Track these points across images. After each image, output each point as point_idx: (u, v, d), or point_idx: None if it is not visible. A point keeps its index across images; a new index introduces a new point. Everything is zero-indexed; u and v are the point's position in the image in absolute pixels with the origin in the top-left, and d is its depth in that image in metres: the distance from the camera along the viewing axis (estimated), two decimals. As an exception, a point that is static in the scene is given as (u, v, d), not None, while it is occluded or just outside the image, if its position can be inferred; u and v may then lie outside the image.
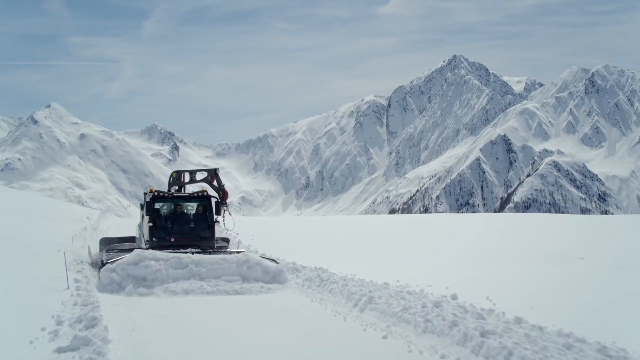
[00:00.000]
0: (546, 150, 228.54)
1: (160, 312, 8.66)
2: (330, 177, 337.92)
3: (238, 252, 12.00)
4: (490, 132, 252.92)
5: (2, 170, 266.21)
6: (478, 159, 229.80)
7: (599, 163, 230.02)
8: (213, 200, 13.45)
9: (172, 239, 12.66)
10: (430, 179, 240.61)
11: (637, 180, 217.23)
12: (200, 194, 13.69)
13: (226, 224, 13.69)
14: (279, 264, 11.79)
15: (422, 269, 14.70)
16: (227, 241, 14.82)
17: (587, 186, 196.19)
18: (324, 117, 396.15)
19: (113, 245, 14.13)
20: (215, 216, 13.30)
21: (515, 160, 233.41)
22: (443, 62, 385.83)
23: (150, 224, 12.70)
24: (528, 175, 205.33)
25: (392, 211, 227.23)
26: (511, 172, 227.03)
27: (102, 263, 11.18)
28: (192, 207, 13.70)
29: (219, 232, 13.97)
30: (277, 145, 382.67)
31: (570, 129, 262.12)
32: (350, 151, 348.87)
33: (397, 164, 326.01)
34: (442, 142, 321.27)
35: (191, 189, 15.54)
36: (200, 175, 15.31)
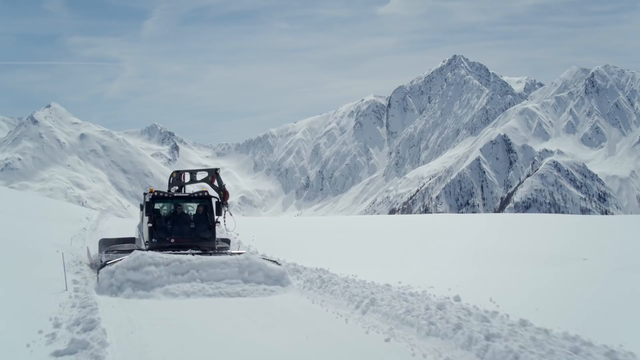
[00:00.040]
0: (546, 150, 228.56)
1: (160, 314, 8.55)
2: (330, 177, 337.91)
3: (239, 254, 11.86)
4: (490, 132, 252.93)
5: (2, 170, 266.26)
6: (478, 159, 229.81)
7: (599, 163, 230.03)
8: (214, 201, 13.28)
9: (172, 240, 12.52)
10: (430, 179, 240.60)
11: (637, 180, 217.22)
12: (200, 194, 13.52)
13: (227, 225, 13.56)
14: (282, 266, 11.65)
15: (423, 270, 14.63)
16: (227, 242, 14.64)
17: (587, 186, 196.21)
18: (324, 117, 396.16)
19: (112, 246, 13.96)
20: (215, 217, 13.16)
21: (515, 160, 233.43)
22: (443, 62, 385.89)
23: (150, 225, 12.55)
24: (528, 175, 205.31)
25: (392, 211, 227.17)
26: (511, 172, 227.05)
27: (101, 264, 11.05)
28: (193, 207, 13.55)
29: (219, 232, 13.82)
30: (277, 145, 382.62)
31: (570, 129, 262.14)
32: (350, 151, 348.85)
33: (397, 164, 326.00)
34: (442, 142, 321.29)
35: (191, 189, 15.42)
36: (200, 175, 15.17)
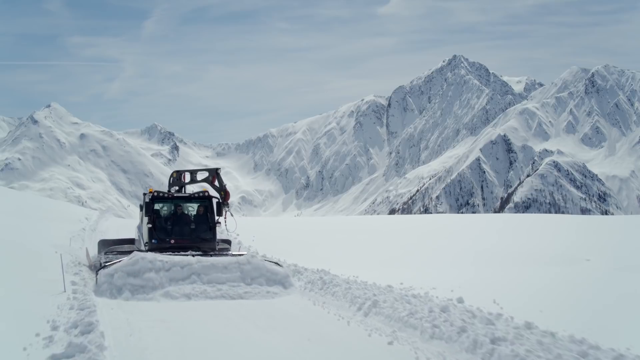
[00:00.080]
0: (546, 150, 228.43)
1: (159, 316, 8.43)
2: (330, 177, 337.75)
3: (240, 255, 11.70)
4: (490, 132, 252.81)
5: (2, 170, 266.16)
6: (478, 159, 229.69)
7: (599, 163, 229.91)
8: (214, 201, 13.11)
9: (172, 241, 12.36)
10: (430, 179, 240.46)
11: (637, 180, 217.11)
12: (201, 194, 13.35)
13: (227, 225, 13.41)
14: (285, 268, 11.48)
15: (424, 270, 14.55)
16: (228, 243, 14.43)
17: (587, 186, 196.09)
18: (324, 117, 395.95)
19: (112, 247, 13.78)
20: (216, 217, 12.99)
21: (515, 160, 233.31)
22: (443, 62, 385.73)
23: (150, 225, 12.39)
24: (528, 175, 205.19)
25: (392, 211, 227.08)
26: (511, 172, 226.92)
27: (100, 266, 10.92)
28: (193, 207, 13.41)
29: (219, 233, 13.67)
30: (277, 145, 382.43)
31: (570, 129, 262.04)
32: (350, 151, 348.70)
33: (397, 164, 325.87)
34: (442, 142, 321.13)
35: (192, 189, 15.29)
36: (201, 175, 15.01)
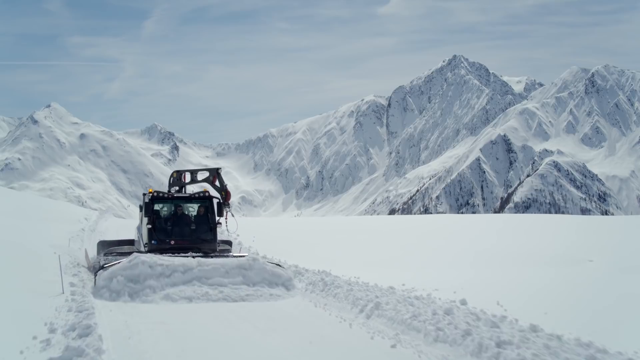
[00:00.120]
0: (546, 150, 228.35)
1: (159, 319, 8.31)
2: (330, 177, 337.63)
3: (241, 256, 11.56)
4: (490, 132, 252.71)
5: (2, 170, 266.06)
6: (478, 159, 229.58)
7: (599, 163, 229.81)
8: (215, 201, 12.93)
9: (172, 242, 12.20)
10: (430, 179, 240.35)
11: (637, 180, 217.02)
12: (201, 194, 13.18)
13: (228, 226, 13.25)
14: (288, 270, 11.33)
15: (425, 271, 14.46)
16: (229, 244, 14.23)
17: (587, 186, 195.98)
18: (324, 117, 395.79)
19: (111, 248, 13.61)
20: (217, 218, 12.82)
21: (515, 160, 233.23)
22: (443, 62, 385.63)
23: (149, 226, 12.25)
24: (528, 175, 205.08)
25: (392, 211, 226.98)
26: (511, 172, 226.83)
27: (99, 267, 10.80)
28: (193, 208, 13.25)
29: (220, 234, 13.51)
30: (277, 145, 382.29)
31: (570, 129, 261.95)
32: (350, 151, 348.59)
33: (397, 164, 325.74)
34: (442, 142, 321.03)
35: (192, 189, 15.16)
36: (201, 175, 14.86)
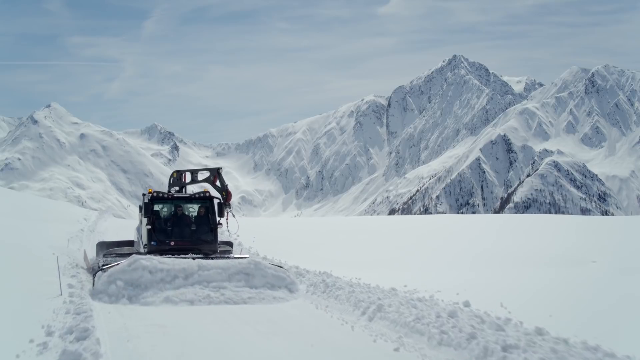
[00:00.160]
0: (546, 150, 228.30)
1: (158, 321, 8.18)
2: (330, 177, 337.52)
3: (242, 258, 11.42)
4: (490, 132, 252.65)
5: (2, 170, 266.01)
6: (478, 159, 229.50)
7: (599, 163, 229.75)
8: (215, 202, 12.76)
9: (172, 243, 12.06)
10: (430, 179, 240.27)
11: (637, 180, 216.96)
12: (202, 194, 13.01)
13: (229, 227, 13.10)
14: (290, 272, 11.19)
15: (426, 272, 14.38)
16: (230, 245, 14.04)
17: (587, 186, 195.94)
18: (324, 117, 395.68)
19: (111, 249, 13.43)
20: (218, 218, 12.66)
21: (515, 160, 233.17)
22: (443, 62, 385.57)
23: (149, 227, 12.10)
24: (528, 175, 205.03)
25: (392, 211, 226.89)
26: (511, 172, 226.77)
27: (98, 268, 10.67)
28: (194, 208, 13.10)
29: (220, 234, 13.35)
30: (277, 145, 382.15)
31: (570, 129, 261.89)
32: (350, 151, 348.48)
33: (397, 164, 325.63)
34: (442, 142, 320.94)
35: (192, 189, 15.03)
36: (202, 175, 14.68)
